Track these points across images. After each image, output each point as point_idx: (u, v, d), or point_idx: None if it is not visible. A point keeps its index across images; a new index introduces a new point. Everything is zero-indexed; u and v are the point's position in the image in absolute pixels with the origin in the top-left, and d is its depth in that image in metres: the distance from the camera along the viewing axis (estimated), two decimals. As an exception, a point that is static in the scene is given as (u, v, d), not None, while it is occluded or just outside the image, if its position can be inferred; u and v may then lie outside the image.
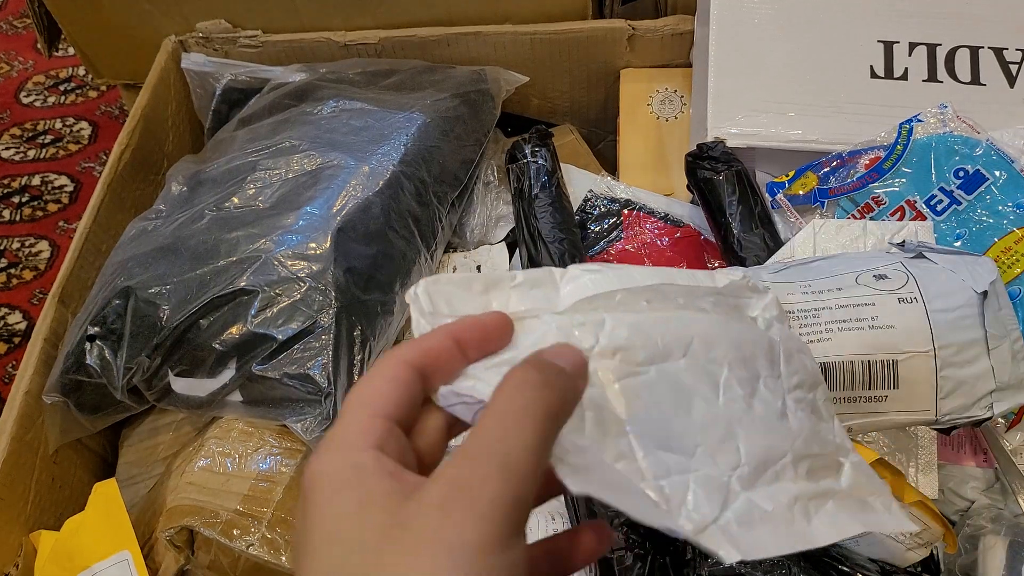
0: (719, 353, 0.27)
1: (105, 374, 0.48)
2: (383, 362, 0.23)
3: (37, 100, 1.20)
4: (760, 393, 0.28)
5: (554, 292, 0.27)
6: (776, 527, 0.25)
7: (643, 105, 0.68)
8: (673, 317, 0.28)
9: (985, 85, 0.56)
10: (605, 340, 0.26)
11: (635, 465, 0.24)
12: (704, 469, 0.25)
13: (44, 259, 1.01)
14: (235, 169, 0.56)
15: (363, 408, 0.22)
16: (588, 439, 0.24)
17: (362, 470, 0.21)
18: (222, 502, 0.45)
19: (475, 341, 0.24)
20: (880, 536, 0.44)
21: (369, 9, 0.69)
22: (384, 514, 0.20)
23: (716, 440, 0.26)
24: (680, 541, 0.44)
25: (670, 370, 0.26)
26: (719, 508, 0.24)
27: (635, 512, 0.21)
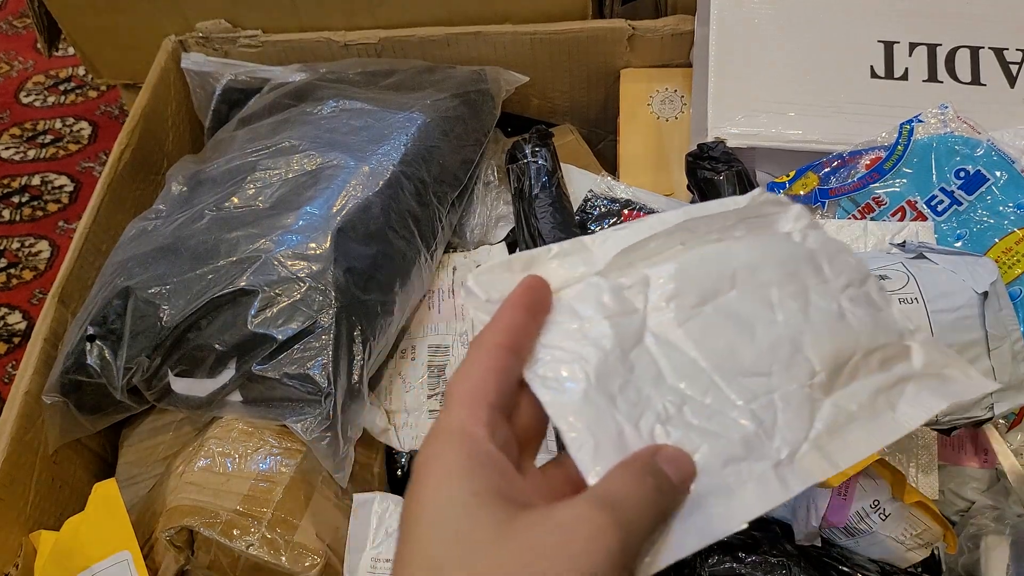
0: (764, 276, 0.28)
1: (105, 374, 0.48)
2: (479, 351, 0.25)
3: (37, 100, 1.20)
4: (813, 302, 0.28)
5: (588, 255, 0.28)
6: (863, 425, 0.26)
7: (643, 105, 0.68)
8: (711, 253, 0.29)
9: (985, 85, 0.56)
10: (655, 295, 0.27)
11: (723, 395, 0.25)
12: (784, 386, 0.26)
13: (44, 259, 1.00)
14: (235, 169, 0.56)
15: (470, 398, 0.23)
16: (671, 387, 0.25)
17: (475, 462, 0.22)
18: (222, 502, 0.45)
19: (536, 304, 0.26)
20: (881, 536, 0.44)
21: (369, 9, 0.69)
22: (499, 514, 0.21)
23: (786, 356, 0.27)
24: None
25: (724, 304, 0.27)
26: (808, 420, 0.26)
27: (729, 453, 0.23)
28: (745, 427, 0.25)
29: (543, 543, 0.20)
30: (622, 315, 0.27)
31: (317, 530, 0.46)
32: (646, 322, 0.27)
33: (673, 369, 0.26)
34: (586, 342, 0.26)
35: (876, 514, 0.44)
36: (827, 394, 0.27)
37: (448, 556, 0.20)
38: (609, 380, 0.25)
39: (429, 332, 0.56)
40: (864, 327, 0.29)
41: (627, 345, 0.26)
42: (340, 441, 0.46)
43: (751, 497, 0.24)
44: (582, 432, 0.24)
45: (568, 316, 0.26)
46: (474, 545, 0.20)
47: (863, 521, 0.44)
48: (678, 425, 0.25)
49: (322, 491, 0.48)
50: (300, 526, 0.45)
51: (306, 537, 0.45)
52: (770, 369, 0.26)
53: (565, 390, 0.25)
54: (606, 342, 0.26)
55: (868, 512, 0.44)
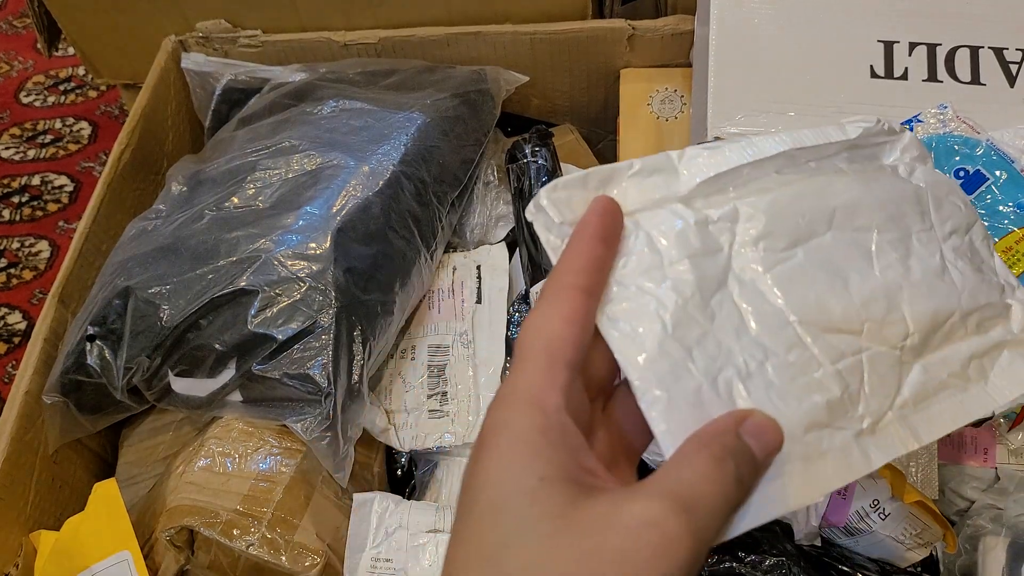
0: (865, 219, 0.26)
1: (105, 374, 0.48)
2: (555, 295, 0.22)
3: (37, 100, 1.20)
4: (915, 251, 0.26)
5: (673, 177, 0.25)
6: (952, 396, 0.24)
7: (643, 105, 0.68)
8: (808, 189, 0.26)
9: (985, 85, 0.56)
10: (743, 233, 0.25)
11: (808, 353, 0.23)
12: (874, 346, 0.24)
13: (44, 259, 1.00)
14: (235, 169, 0.56)
15: (547, 356, 0.21)
16: (753, 340, 0.23)
17: (547, 439, 0.20)
18: (222, 502, 0.45)
19: (611, 233, 0.23)
20: (880, 536, 0.44)
21: (369, 9, 0.69)
22: (565, 503, 0.19)
23: (881, 313, 0.25)
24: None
25: (817, 248, 0.25)
26: (895, 387, 0.24)
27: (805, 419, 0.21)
28: (830, 390, 0.23)
29: (609, 546, 0.19)
30: (705, 254, 0.24)
31: (317, 530, 0.46)
32: (731, 264, 0.24)
33: (757, 320, 0.23)
34: (665, 284, 0.23)
35: (876, 513, 0.44)
36: (918, 358, 0.25)
37: (506, 547, 0.19)
38: (687, 329, 0.23)
39: (429, 332, 0.56)
40: (966, 284, 0.26)
41: (708, 290, 0.23)
42: (340, 441, 0.47)
43: (831, 469, 0.22)
44: (654, 387, 0.22)
45: (646, 248, 0.24)
46: (536, 538, 0.19)
47: (863, 520, 0.44)
48: (759, 384, 0.22)
49: (322, 491, 0.48)
50: (300, 526, 0.45)
51: (306, 537, 0.45)
52: (861, 327, 0.24)
53: (638, 337, 0.22)
54: (686, 287, 0.23)
55: (868, 511, 0.44)
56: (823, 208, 0.26)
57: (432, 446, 0.51)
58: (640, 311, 0.23)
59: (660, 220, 0.24)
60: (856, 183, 0.27)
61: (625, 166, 0.25)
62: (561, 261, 0.23)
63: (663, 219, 0.24)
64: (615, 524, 0.19)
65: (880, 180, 0.27)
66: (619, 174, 0.25)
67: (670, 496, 0.19)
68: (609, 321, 0.23)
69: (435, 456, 0.53)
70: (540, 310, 0.22)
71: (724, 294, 0.24)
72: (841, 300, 0.24)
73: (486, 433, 0.21)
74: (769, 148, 0.26)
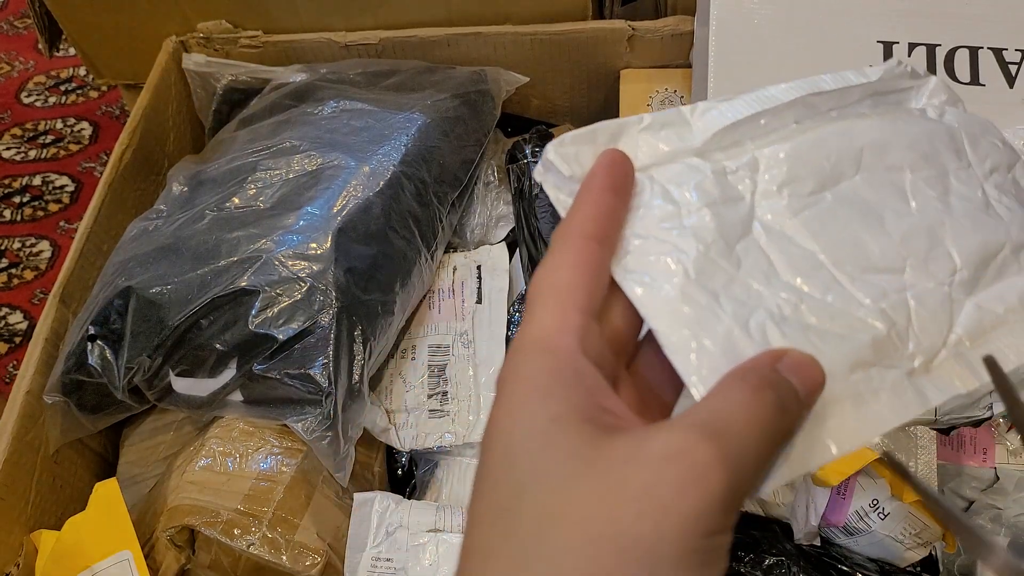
0: (895, 158, 0.25)
1: (106, 374, 0.48)
2: (565, 242, 0.21)
3: (38, 100, 1.20)
4: (954, 189, 0.25)
5: (686, 129, 0.24)
6: (1012, 330, 0.23)
7: (643, 106, 0.68)
8: (831, 132, 0.25)
9: (984, 85, 0.56)
10: (765, 181, 0.23)
11: (847, 294, 0.22)
12: (920, 283, 0.23)
13: (45, 259, 1.01)
14: (236, 169, 0.56)
15: (557, 302, 0.20)
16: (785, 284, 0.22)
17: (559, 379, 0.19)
18: (223, 501, 0.45)
19: (622, 185, 0.22)
20: (880, 535, 0.45)
21: (369, 9, 0.69)
22: (582, 443, 0.17)
23: (923, 249, 0.23)
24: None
25: (847, 190, 0.24)
26: (947, 323, 0.22)
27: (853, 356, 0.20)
28: (875, 328, 0.21)
29: (631, 483, 0.17)
30: (725, 202, 0.23)
31: (318, 529, 0.46)
32: (754, 211, 0.23)
33: (788, 264, 0.22)
34: (684, 231, 0.22)
35: (875, 513, 0.44)
36: (969, 294, 0.23)
37: (520, 494, 0.17)
38: (711, 275, 0.21)
39: (429, 332, 0.56)
40: (1014, 218, 0.25)
41: (732, 237, 0.22)
42: (341, 441, 0.47)
43: (885, 407, 0.20)
44: (681, 333, 0.20)
45: (661, 199, 0.22)
46: (551, 482, 0.17)
47: (862, 520, 0.44)
48: (795, 326, 0.21)
49: (323, 490, 0.48)
50: (301, 525, 0.46)
51: (307, 536, 0.45)
52: (903, 264, 0.23)
53: (658, 286, 0.21)
54: (707, 233, 0.22)
55: (867, 511, 0.44)
56: (849, 150, 0.24)
57: (432, 446, 0.52)
58: (659, 260, 0.21)
59: (675, 173, 0.23)
60: (883, 124, 0.25)
61: (635, 120, 0.24)
62: (569, 213, 0.22)
63: (678, 171, 0.23)
64: (638, 458, 0.17)
65: (909, 121, 0.26)
66: (629, 129, 0.24)
67: (699, 425, 0.18)
68: (626, 272, 0.21)
69: (435, 456, 0.53)
70: (547, 259, 0.21)
71: (749, 241, 0.22)
72: (878, 239, 0.23)
73: (498, 384, 0.19)
74: (785, 95, 0.25)
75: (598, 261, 0.21)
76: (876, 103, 0.26)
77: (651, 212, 0.22)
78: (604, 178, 0.22)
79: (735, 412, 0.18)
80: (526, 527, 0.17)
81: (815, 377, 0.20)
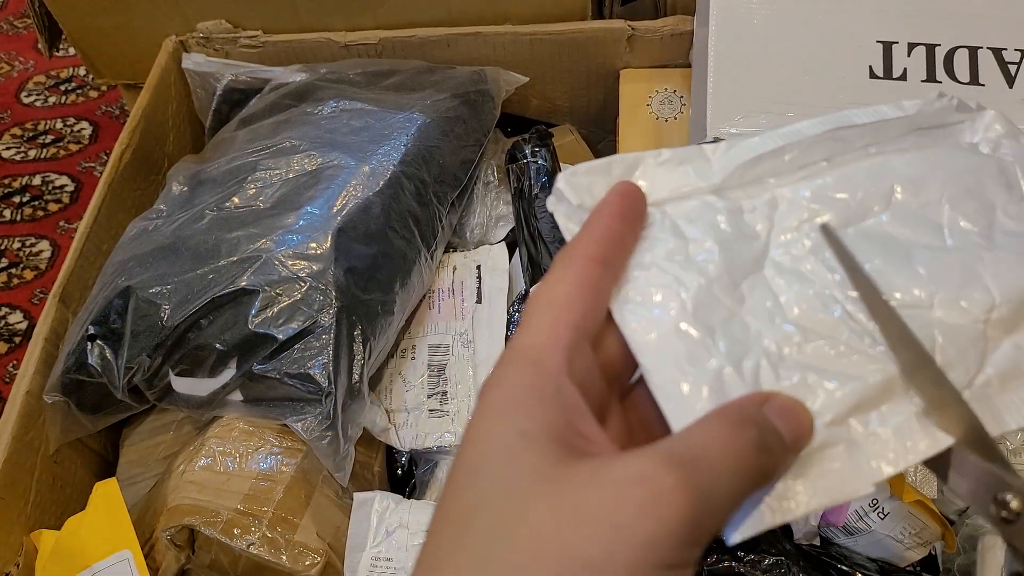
0: (933, 193, 0.23)
1: (106, 374, 0.48)
2: (567, 262, 0.21)
3: (38, 100, 1.20)
4: (1001, 224, 0.24)
5: (704, 166, 0.23)
6: None
7: (643, 105, 0.68)
8: (861, 169, 0.24)
9: (984, 85, 0.56)
10: (783, 220, 0.23)
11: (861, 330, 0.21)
12: (950, 319, 0.21)
13: (45, 259, 1.01)
14: (235, 169, 0.56)
15: (551, 315, 0.20)
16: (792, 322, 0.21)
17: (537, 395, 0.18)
18: (223, 501, 0.45)
19: (633, 215, 0.22)
20: (879, 535, 0.45)
21: (369, 9, 0.69)
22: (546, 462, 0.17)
23: (956, 285, 0.22)
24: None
25: (872, 227, 0.23)
26: (977, 362, 0.21)
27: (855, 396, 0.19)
28: (888, 366, 0.20)
29: (587, 504, 0.16)
30: (738, 239, 0.22)
31: (318, 529, 0.46)
32: (768, 250, 0.22)
33: (797, 302, 0.21)
34: (688, 264, 0.21)
35: (875, 513, 0.44)
36: (1008, 333, 0.22)
37: (476, 508, 0.17)
38: (711, 311, 0.21)
39: (429, 332, 0.56)
40: None
41: (739, 274, 0.22)
42: (340, 440, 0.47)
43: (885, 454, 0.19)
44: (667, 369, 0.20)
45: (671, 233, 0.22)
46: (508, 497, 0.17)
47: (862, 520, 0.44)
48: (793, 367, 0.20)
49: (323, 490, 0.48)
50: (301, 525, 0.46)
51: (307, 536, 0.45)
52: (931, 300, 0.21)
53: (652, 318, 0.20)
54: (712, 268, 0.21)
55: (867, 511, 0.44)
56: (878, 187, 0.23)
57: (432, 445, 0.52)
58: (658, 291, 0.21)
59: (689, 209, 0.23)
60: (922, 158, 0.24)
61: (653, 154, 0.23)
62: (577, 235, 0.21)
63: (692, 208, 0.23)
64: (598, 480, 0.17)
65: (953, 155, 0.25)
66: (646, 161, 0.23)
67: (667, 453, 0.17)
68: (623, 301, 0.21)
69: (435, 455, 0.53)
70: (548, 277, 0.21)
71: (758, 278, 0.22)
72: (902, 274, 0.22)
73: (480, 394, 0.19)
74: (813, 129, 0.24)
75: (599, 283, 0.21)
76: (921, 137, 0.25)
77: (658, 245, 0.22)
78: (615, 205, 0.22)
79: (709, 444, 0.18)
80: (476, 541, 0.17)
81: (802, 423, 0.19)
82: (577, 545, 0.16)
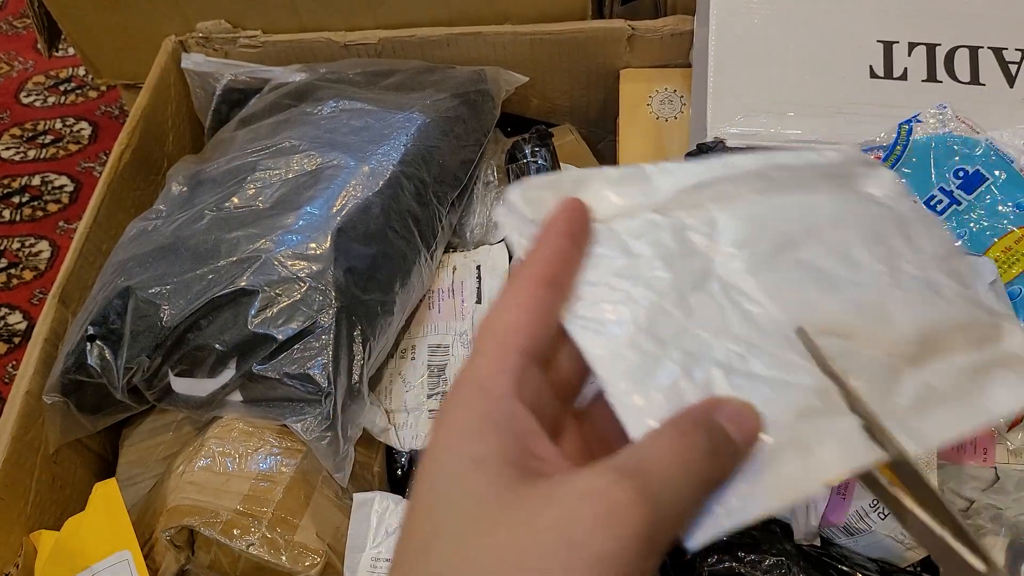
0: (850, 234, 0.25)
1: (105, 374, 0.48)
2: (515, 285, 0.21)
3: (37, 100, 1.20)
4: (904, 268, 0.25)
5: (648, 186, 0.25)
6: (951, 407, 0.23)
7: (643, 105, 0.68)
8: (790, 203, 0.26)
9: (984, 85, 0.56)
10: (723, 240, 0.24)
11: (799, 349, 0.22)
12: (868, 351, 0.23)
13: (44, 259, 1.00)
14: (235, 169, 0.56)
15: (498, 342, 0.20)
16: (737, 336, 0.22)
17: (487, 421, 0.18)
18: (222, 502, 0.45)
19: (580, 232, 0.22)
20: (880, 535, 0.44)
21: (369, 9, 0.69)
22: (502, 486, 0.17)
23: (873, 320, 0.24)
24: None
25: (802, 256, 0.24)
26: (889, 392, 0.22)
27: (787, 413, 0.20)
28: (824, 382, 0.21)
29: (543, 521, 0.16)
30: (683, 256, 0.23)
31: (317, 530, 0.46)
32: (711, 266, 0.24)
33: (742, 318, 0.22)
34: (637, 281, 0.22)
35: (875, 513, 0.44)
36: (914, 367, 0.23)
37: (434, 536, 0.17)
38: (662, 324, 0.22)
39: (429, 332, 0.56)
40: (958, 300, 0.26)
41: (686, 288, 0.23)
42: (340, 441, 0.47)
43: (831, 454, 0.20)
44: (624, 381, 0.20)
45: (618, 250, 0.23)
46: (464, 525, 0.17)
47: (862, 520, 0.44)
48: (742, 375, 0.21)
49: (322, 491, 0.48)
50: (300, 526, 0.46)
51: (306, 537, 0.45)
52: (851, 331, 0.23)
53: (607, 333, 0.21)
54: (661, 284, 0.22)
55: (867, 511, 0.44)
56: (805, 220, 0.25)
57: (432, 446, 0.51)
58: (610, 307, 0.22)
59: (634, 226, 0.24)
60: (838, 201, 0.27)
61: (598, 172, 0.24)
62: (524, 256, 0.22)
63: (637, 225, 0.24)
64: (554, 497, 0.17)
65: (862, 202, 0.27)
66: (593, 179, 0.24)
67: (620, 466, 0.17)
68: (575, 317, 0.22)
69: (435, 456, 0.53)
70: (497, 302, 0.21)
71: (704, 293, 0.23)
72: (831, 304, 0.24)
73: (434, 424, 0.20)
74: (749, 164, 0.26)
75: (547, 305, 0.21)
76: (833, 184, 0.27)
77: (606, 262, 0.23)
78: (561, 224, 0.22)
79: (661, 454, 0.18)
80: (436, 568, 0.17)
81: (752, 425, 0.20)
82: (535, 564, 0.16)
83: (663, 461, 0.18)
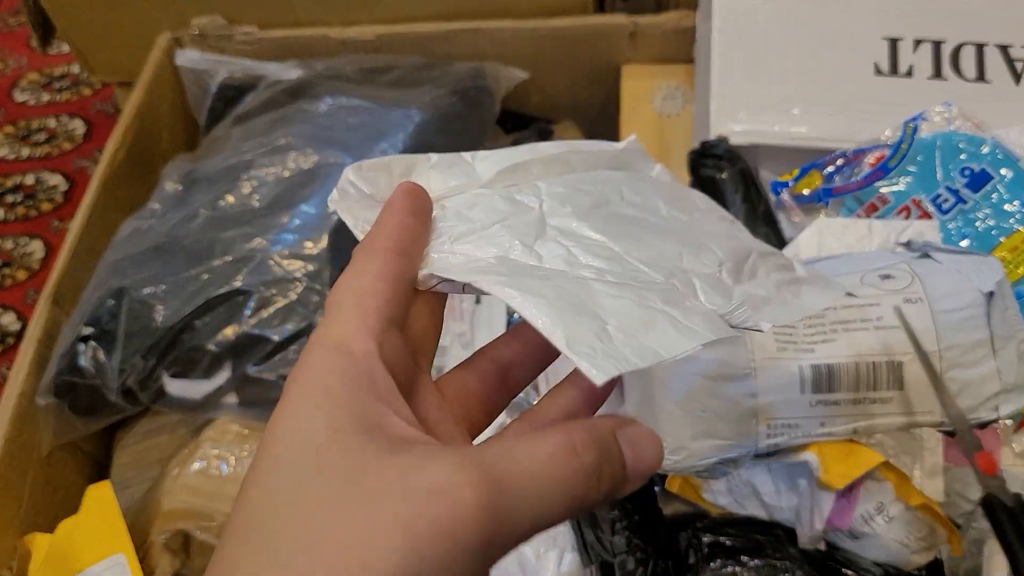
0: (650, 195, 0.29)
1: (99, 376, 0.47)
2: (367, 254, 0.21)
3: (31, 98, 1.19)
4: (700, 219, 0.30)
5: (469, 169, 0.27)
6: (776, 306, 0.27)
7: (645, 102, 0.68)
8: (593, 176, 0.29)
9: (990, 82, 0.55)
10: (548, 200, 0.27)
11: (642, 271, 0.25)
12: (699, 270, 0.26)
13: (38, 259, 1.00)
14: (230, 167, 0.55)
15: (357, 305, 0.19)
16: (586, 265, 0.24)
17: (350, 385, 0.17)
18: (217, 505, 0.45)
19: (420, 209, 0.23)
20: (885, 539, 0.44)
21: (366, 4, 0.69)
22: (354, 462, 0.16)
23: (693, 247, 0.27)
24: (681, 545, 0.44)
25: (617, 210, 0.28)
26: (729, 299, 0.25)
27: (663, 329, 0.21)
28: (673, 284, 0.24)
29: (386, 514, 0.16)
30: (518, 215, 0.25)
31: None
32: (544, 218, 0.26)
33: (585, 251, 0.24)
34: (483, 242, 0.24)
35: (880, 517, 0.43)
36: (736, 283, 0.27)
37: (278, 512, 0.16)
38: (519, 271, 0.23)
39: (428, 332, 0.56)
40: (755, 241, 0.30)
41: (529, 239, 0.24)
42: (338, 443, 0.46)
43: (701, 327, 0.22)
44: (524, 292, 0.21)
45: (457, 221, 0.25)
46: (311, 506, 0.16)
47: (867, 524, 0.44)
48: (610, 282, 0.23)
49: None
50: (297, 529, 0.45)
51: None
52: (680, 256, 0.26)
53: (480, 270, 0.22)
54: (504, 240, 0.24)
55: (872, 515, 0.44)
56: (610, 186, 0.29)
57: (431, 448, 0.51)
58: (464, 265, 0.23)
59: (465, 199, 0.26)
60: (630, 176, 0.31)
61: (423, 158, 0.26)
62: (371, 231, 0.22)
63: (468, 199, 0.26)
64: (401, 489, 0.16)
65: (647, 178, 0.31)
66: (420, 164, 0.26)
67: (481, 465, 0.16)
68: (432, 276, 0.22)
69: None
70: (348, 269, 0.21)
71: (546, 238, 0.25)
72: (655, 240, 0.26)
73: (286, 385, 0.18)
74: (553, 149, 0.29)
75: (401, 271, 0.21)
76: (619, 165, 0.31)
77: (448, 231, 0.24)
78: (404, 202, 0.23)
79: (531, 464, 0.17)
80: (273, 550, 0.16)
81: (650, 456, 0.19)
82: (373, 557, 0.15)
83: (529, 472, 0.17)
